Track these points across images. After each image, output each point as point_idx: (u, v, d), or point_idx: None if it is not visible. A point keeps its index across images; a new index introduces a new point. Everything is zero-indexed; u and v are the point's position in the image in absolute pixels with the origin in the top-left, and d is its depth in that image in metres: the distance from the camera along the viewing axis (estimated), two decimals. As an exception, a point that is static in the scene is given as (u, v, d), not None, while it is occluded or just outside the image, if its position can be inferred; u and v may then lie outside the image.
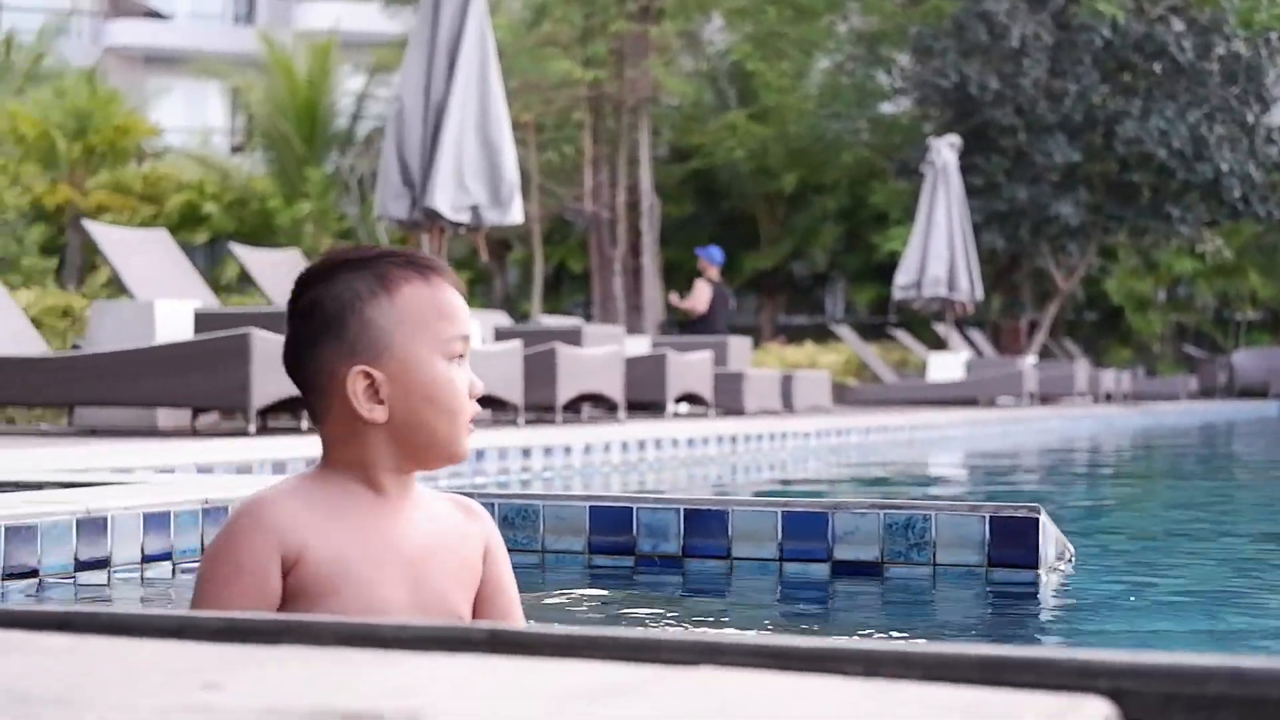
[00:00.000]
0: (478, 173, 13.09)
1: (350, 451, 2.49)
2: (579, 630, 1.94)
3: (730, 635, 1.82)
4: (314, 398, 2.51)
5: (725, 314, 21.15)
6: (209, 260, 33.90)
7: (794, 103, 36.67)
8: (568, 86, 30.54)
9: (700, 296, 21.31)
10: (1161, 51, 32.08)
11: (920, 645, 1.74)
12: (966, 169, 28.81)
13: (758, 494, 8.70)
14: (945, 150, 25.21)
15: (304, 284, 2.53)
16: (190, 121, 43.24)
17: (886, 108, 37.92)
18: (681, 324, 24.73)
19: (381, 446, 2.49)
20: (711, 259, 21.71)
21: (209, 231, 33.81)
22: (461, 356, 2.54)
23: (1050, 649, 1.80)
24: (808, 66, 37.89)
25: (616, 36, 30.67)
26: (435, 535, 2.58)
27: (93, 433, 10.38)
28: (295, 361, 2.53)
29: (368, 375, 2.46)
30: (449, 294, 2.55)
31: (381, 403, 2.46)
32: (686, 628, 3.82)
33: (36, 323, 12.26)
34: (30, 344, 10.84)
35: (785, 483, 10.20)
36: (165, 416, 10.77)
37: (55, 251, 30.78)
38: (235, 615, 2.08)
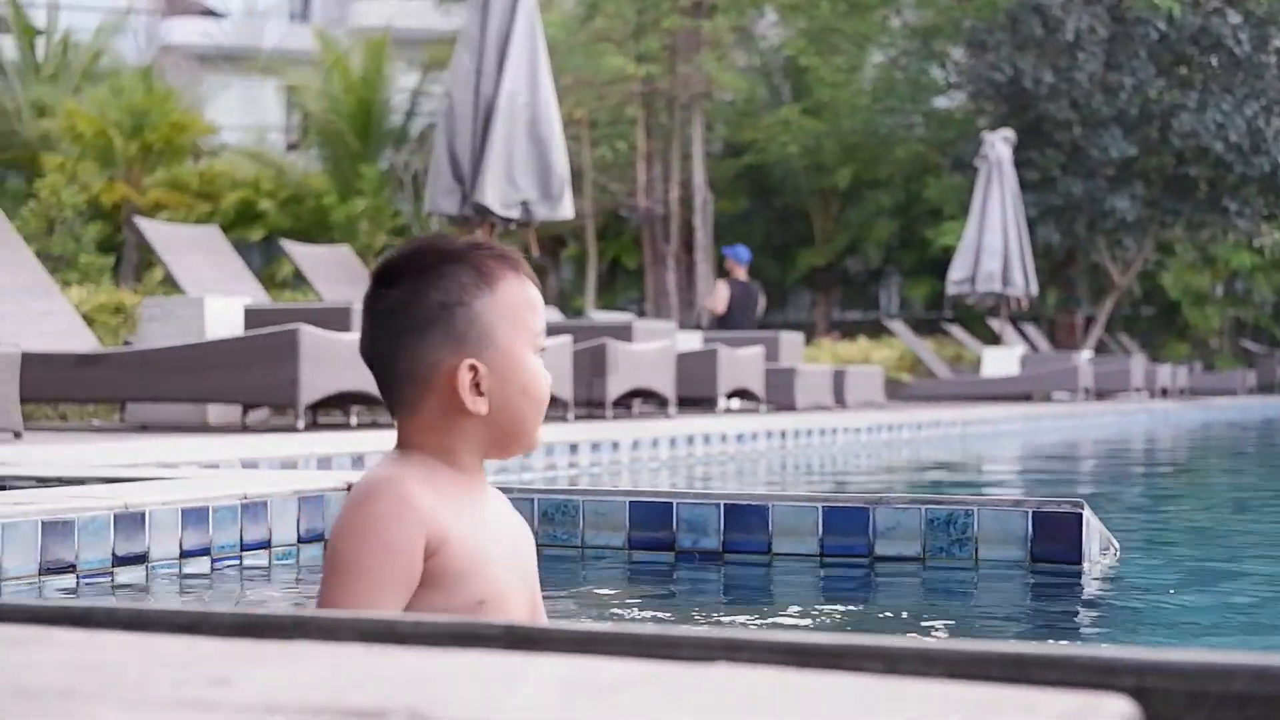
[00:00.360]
0: (528, 168, 13.10)
1: (443, 440, 2.50)
2: (594, 626, 1.91)
3: (747, 631, 1.79)
4: (411, 388, 2.50)
5: (748, 313, 21.04)
6: (264, 257, 34.06)
7: (848, 97, 36.55)
8: (621, 82, 30.55)
9: (719, 296, 21.30)
10: (1218, 44, 31.83)
11: (941, 642, 1.71)
12: (1021, 163, 28.67)
13: (807, 489, 8.67)
14: (999, 145, 25.08)
15: (394, 274, 2.52)
16: (246, 119, 43.42)
17: (941, 102, 37.77)
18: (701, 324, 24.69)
19: (473, 436, 2.50)
20: (737, 258, 21.67)
21: (264, 229, 33.94)
22: (544, 350, 2.57)
23: (1072, 646, 1.77)
24: (861, 61, 37.75)
25: (669, 32, 30.65)
26: (518, 524, 2.63)
27: (143, 429, 10.43)
28: (390, 351, 2.51)
29: (474, 368, 2.46)
30: (534, 288, 2.58)
31: (482, 395, 2.47)
32: (720, 622, 3.80)
33: (89, 320, 12.32)
34: (82, 340, 10.89)
35: (835, 479, 10.15)
36: (216, 412, 10.80)
37: (112, 249, 30.96)
38: (250, 611, 2.07)
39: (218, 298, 10.98)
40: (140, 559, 4.25)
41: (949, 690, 1.70)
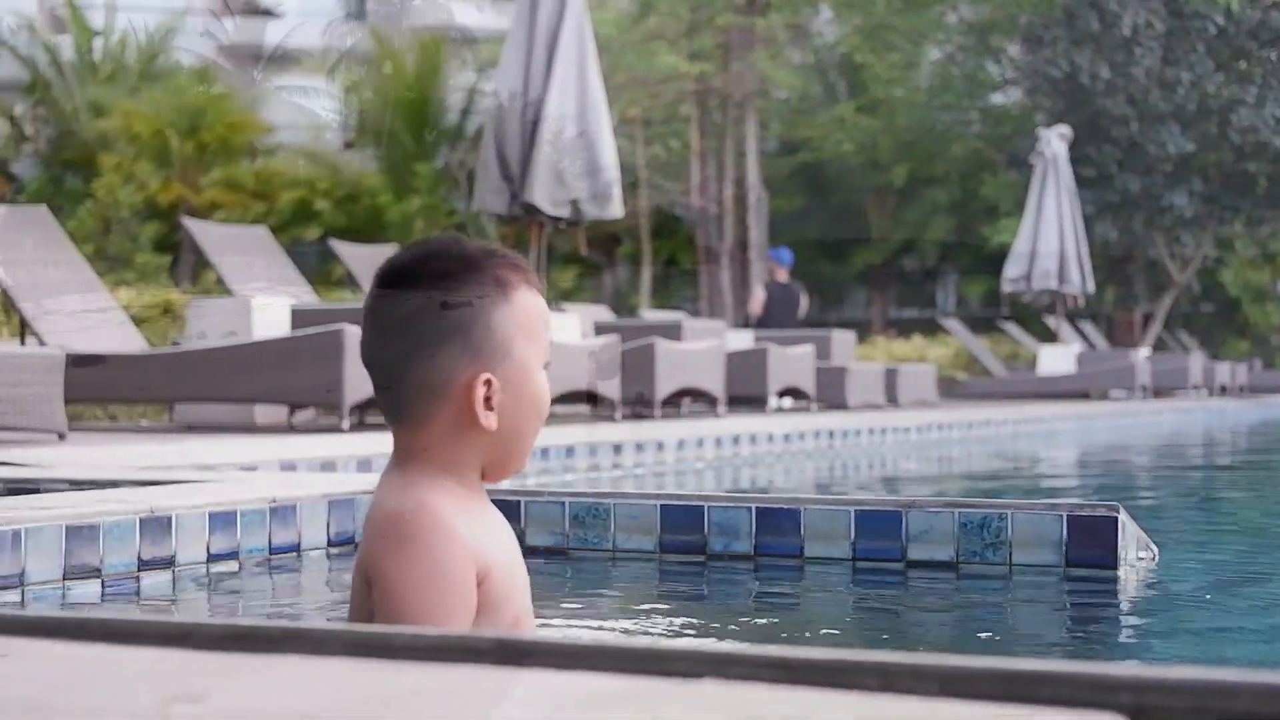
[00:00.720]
0: (577, 167, 13.07)
1: (450, 454, 2.43)
2: (583, 639, 1.88)
3: (739, 646, 1.75)
4: (421, 399, 2.42)
5: (788, 314, 20.94)
6: (320, 256, 34.18)
7: (903, 94, 36.42)
8: (674, 80, 30.50)
9: (755, 299, 21.34)
10: (1277, 38, 31.55)
11: (936, 658, 1.67)
12: (1077, 160, 28.47)
13: (847, 490, 8.60)
14: (1056, 141, 24.91)
15: (405, 278, 2.44)
16: (302, 118, 43.58)
17: (997, 98, 37.59)
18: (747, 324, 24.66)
19: (480, 452, 2.44)
20: (779, 260, 21.67)
21: (320, 228, 34.05)
22: (549, 365, 2.51)
23: (1070, 663, 1.72)
24: (917, 57, 37.59)
25: (723, 29, 30.58)
26: (511, 530, 2.58)
27: (190, 429, 10.45)
28: (402, 359, 2.43)
29: (489, 382, 2.40)
30: (543, 300, 2.51)
31: (493, 410, 2.41)
32: (752, 625, 3.75)
33: (138, 320, 12.37)
34: (130, 341, 10.93)
35: (881, 479, 10.08)
36: (262, 413, 10.82)
37: (169, 248, 31.13)
38: (238, 623, 2.04)
39: (264, 298, 11.00)
40: (167, 563, 4.23)
41: (944, 709, 1.66)
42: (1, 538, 3.80)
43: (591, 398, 11.81)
